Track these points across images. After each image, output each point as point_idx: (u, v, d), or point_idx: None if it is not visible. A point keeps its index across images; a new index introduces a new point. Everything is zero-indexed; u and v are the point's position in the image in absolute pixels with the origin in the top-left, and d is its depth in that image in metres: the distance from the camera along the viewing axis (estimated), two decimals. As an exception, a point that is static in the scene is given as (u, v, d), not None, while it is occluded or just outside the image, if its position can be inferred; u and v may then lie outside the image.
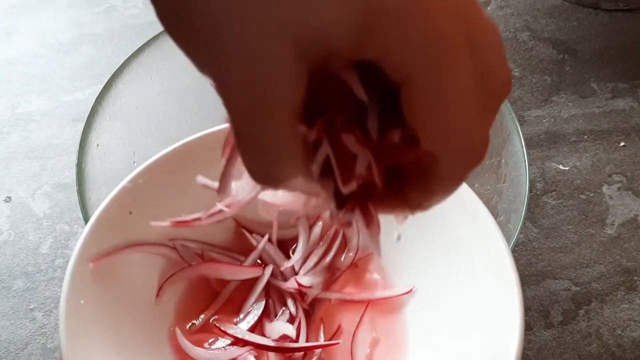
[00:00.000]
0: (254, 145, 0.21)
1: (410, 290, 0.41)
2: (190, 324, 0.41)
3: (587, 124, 0.59)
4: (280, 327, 0.40)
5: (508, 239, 0.40)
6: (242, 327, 0.40)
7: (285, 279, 0.43)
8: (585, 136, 0.58)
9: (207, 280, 0.43)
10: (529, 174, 0.46)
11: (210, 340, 0.40)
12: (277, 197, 0.31)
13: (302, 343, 0.40)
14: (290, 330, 0.40)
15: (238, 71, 0.19)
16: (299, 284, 0.41)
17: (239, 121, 0.21)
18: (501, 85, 0.21)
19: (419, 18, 0.19)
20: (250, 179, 0.23)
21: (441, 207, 0.39)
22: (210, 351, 0.39)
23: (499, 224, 0.38)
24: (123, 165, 0.50)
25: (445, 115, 0.20)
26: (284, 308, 0.42)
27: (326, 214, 0.43)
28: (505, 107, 0.47)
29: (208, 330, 0.41)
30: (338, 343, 0.40)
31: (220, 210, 0.33)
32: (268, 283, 0.43)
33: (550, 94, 0.61)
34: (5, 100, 0.63)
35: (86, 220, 0.44)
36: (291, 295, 0.42)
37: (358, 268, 0.44)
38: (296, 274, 0.43)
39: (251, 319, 0.41)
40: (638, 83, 0.61)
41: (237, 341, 0.40)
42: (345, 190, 0.22)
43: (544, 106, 0.60)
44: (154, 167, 0.41)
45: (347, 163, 0.22)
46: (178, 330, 0.40)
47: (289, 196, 0.30)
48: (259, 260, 0.44)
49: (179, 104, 0.54)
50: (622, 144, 0.57)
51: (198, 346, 0.39)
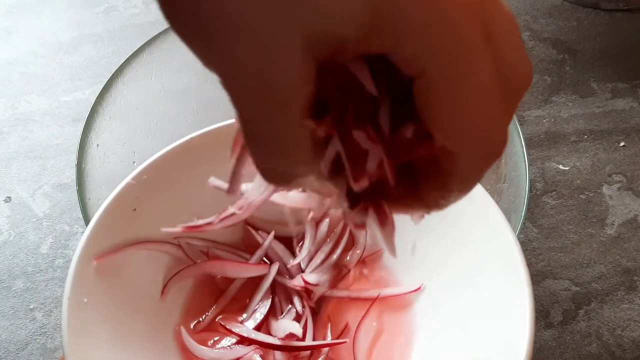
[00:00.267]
0: (264, 144, 0.20)
1: (419, 288, 0.40)
2: (195, 323, 0.41)
3: (587, 124, 0.59)
4: (286, 326, 0.40)
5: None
6: (248, 326, 0.40)
7: (292, 277, 0.42)
8: (585, 136, 0.58)
9: (213, 278, 0.42)
10: (529, 173, 0.46)
11: (215, 339, 0.40)
12: (290, 198, 0.31)
13: (309, 342, 0.39)
14: (296, 328, 0.39)
15: (245, 67, 0.19)
16: (306, 282, 0.41)
17: (247, 119, 0.20)
18: (521, 77, 0.20)
19: (431, 8, 0.18)
20: (262, 180, 0.22)
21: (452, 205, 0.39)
22: (216, 350, 0.39)
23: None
24: (123, 165, 0.50)
25: (462, 109, 0.19)
26: (290, 306, 0.42)
27: (334, 211, 0.44)
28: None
29: (213, 329, 0.41)
30: (345, 342, 0.40)
31: (233, 214, 0.33)
32: (274, 281, 0.42)
33: (550, 94, 0.61)
34: (5, 100, 0.63)
35: (86, 220, 0.44)
36: (297, 293, 0.42)
37: (366, 265, 0.43)
38: (303, 271, 0.42)
39: (257, 317, 0.41)
40: (638, 83, 0.61)
41: (243, 340, 0.39)
42: (356, 187, 0.21)
43: (544, 106, 0.60)
44: (158, 164, 0.40)
45: (359, 160, 0.21)
46: (183, 329, 0.39)
47: (301, 196, 0.30)
48: (264, 258, 0.44)
49: (179, 104, 0.54)
50: (622, 144, 0.57)
51: (203, 345, 0.39)
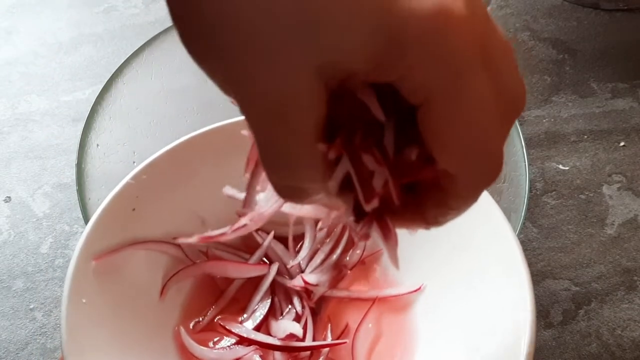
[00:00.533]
0: (279, 164, 0.22)
1: (419, 288, 0.40)
2: (194, 323, 0.41)
3: (587, 124, 0.59)
4: (286, 326, 0.40)
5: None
6: (248, 326, 0.40)
7: (292, 277, 0.42)
8: (585, 136, 0.58)
9: (212, 279, 0.42)
10: (529, 173, 0.46)
11: (215, 339, 0.40)
12: (299, 209, 0.31)
13: (309, 342, 0.39)
14: (297, 329, 0.39)
15: (262, 93, 0.20)
16: (306, 282, 0.41)
17: (263, 141, 0.21)
18: (516, 101, 0.22)
19: (438, 42, 0.19)
20: (274, 192, 0.23)
21: None
22: (215, 350, 0.39)
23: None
24: (123, 165, 0.50)
25: (463, 136, 0.20)
26: (290, 306, 0.41)
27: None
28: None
29: (213, 329, 0.41)
30: (345, 342, 0.39)
31: (245, 225, 0.34)
32: (274, 281, 0.42)
33: (550, 94, 0.61)
34: (5, 100, 0.63)
35: (86, 220, 0.44)
36: (297, 293, 0.42)
37: (365, 266, 0.43)
38: (302, 271, 0.42)
39: (257, 317, 0.41)
40: (638, 83, 0.61)
41: (243, 340, 0.39)
42: (367, 207, 0.23)
43: (543, 106, 0.60)
44: (157, 164, 0.40)
45: (367, 180, 0.22)
46: (182, 329, 0.39)
47: (309, 208, 0.30)
48: (264, 258, 0.43)
49: (178, 104, 0.54)
50: (622, 143, 0.57)
51: (203, 345, 0.39)
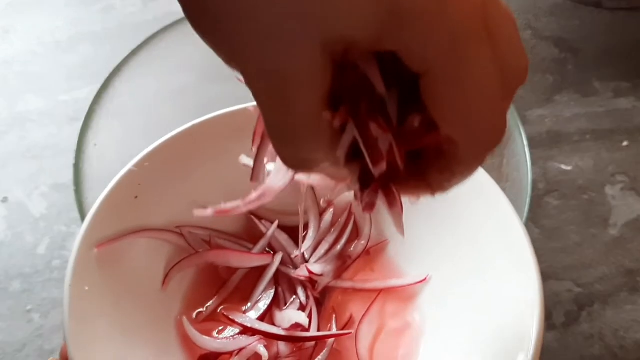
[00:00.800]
0: (286, 135, 0.22)
1: (425, 279, 0.40)
2: (197, 312, 0.40)
3: (590, 124, 0.58)
4: (292, 316, 0.39)
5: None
6: (251, 316, 0.39)
7: (295, 267, 0.42)
8: (588, 136, 0.58)
9: (215, 268, 0.42)
10: (531, 173, 0.45)
11: (218, 329, 0.39)
12: (309, 178, 0.31)
13: (314, 332, 0.39)
14: (303, 318, 0.38)
15: (265, 65, 0.20)
16: (310, 272, 0.40)
17: (268, 113, 0.21)
18: (518, 73, 0.22)
19: (437, 13, 0.19)
20: (282, 165, 0.24)
21: (459, 196, 0.39)
22: (219, 340, 0.38)
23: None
24: (121, 165, 0.49)
25: (464, 104, 0.21)
26: (294, 297, 0.41)
27: (339, 202, 0.43)
28: (508, 107, 0.47)
29: (216, 319, 0.40)
30: (350, 333, 0.39)
31: (258, 198, 0.33)
32: (277, 271, 0.42)
33: (553, 93, 0.60)
34: (2, 100, 0.63)
35: (84, 220, 0.44)
36: (301, 283, 0.41)
37: (370, 256, 0.43)
38: (306, 262, 0.42)
39: (260, 307, 0.40)
40: (640, 82, 0.61)
41: (246, 330, 0.38)
42: (376, 171, 0.23)
43: (546, 105, 0.60)
44: (160, 151, 0.40)
45: (373, 144, 0.23)
46: (185, 319, 0.39)
47: (319, 178, 0.30)
48: (268, 248, 0.43)
49: (177, 103, 0.54)
50: (625, 143, 0.57)
51: (206, 335, 0.38)
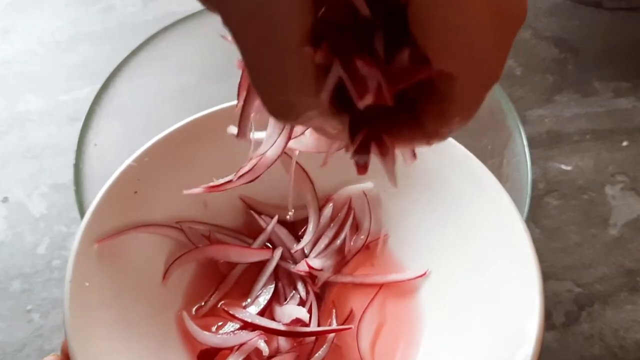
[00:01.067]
0: (267, 74, 0.21)
1: (424, 274, 0.40)
2: (197, 308, 0.40)
3: (590, 124, 0.58)
4: (292, 311, 0.39)
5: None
6: (251, 311, 0.39)
7: (295, 262, 0.42)
8: (588, 136, 0.58)
9: (215, 263, 0.42)
10: (531, 173, 0.45)
11: (218, 324, 0.39)
12: (301, 143, 0.31)
13: (314, 327, 0.39)
14: (303, 313, 0.38)
15: (242, 1, 0.19)
16: (310, 267, 0.40)
17: (249, 51, 0.21)
18: (515, 10, 0.21)
19: None
20: (273, 129, 0.23)
21: (461, 192, 0.39)
22: (219, 335, 0.38)
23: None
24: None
25: (454, 30, 0.20)
26: (293, 292, 0.41)
27: (338, 196, 0.43)
28: (507, 107, 0.47)
29: (216, 314, 0.40)
30: (350, 328, 0.39)
31: (249, 170, 0.33)
32: (277, 266, 0.42)
33: (553, 93, 0.60)
34: (2, 100, 0.62)
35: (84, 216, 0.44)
36: (301, 278, 0.41)
37: (370, 251, 0.43)
38: (306, 256, 0.42)
39: (260, 302, 0.40)
40: (640, 82, 0.61)
41: (247, 325, 0.38)
42: (361, 105, 0.22)
43: (546, 105, 0.60)
44: (160, 146, 0.40)
45: (359, 79, 0.21)
46: (185, 314, 0.39)
47: (311, 140, 0.30)
48: (267, 243, 0.43)
49: (177, 103, 0.54)
50: (625, 143, 0.57)
51: (206, 330, 0.38)
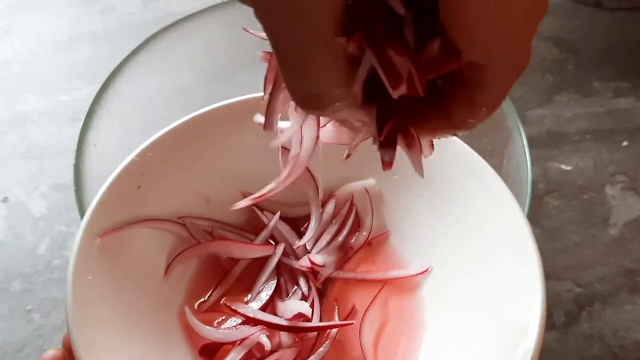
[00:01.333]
0: (298, 65, 0.21)
1: (426, 270, 0.40)
2: (199, 303, 0.40)
3: (590, 124, 0.58)
4: (294, 306, 0.39)
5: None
6: (253, 306, 0.39)
7: (297, 258, 0.42)
8: (588, 136, 0.58)
9: (217, 259, 0.42)
10: (531, 173, 0.45)
11: (220, 319, 0.39)
12: (324, 133, 0.30)
13: (316, 322, 0.39)
14: (305, 308, 0.38)
15: None
16: (312, 263, 0.40)
17: (280, 41, 0.20)
18: None
19: None
20: (296, 120, 0.22)
21: (464, 189, 0.39)
22: (221, 330, 0.38)
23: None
24: (121, 166, 0.49)
25: (487, 21, 0.20)
26: (295, 287, 0.41)
27: (340, 193, 0.43)
28: (507, 107, 0.47)
29: (218, 310, 0.40)
30: (352, 323, 0.39)
31: (290, 174, 0.32)
32: (279, 262, 0.42)
33: (553, 93, 0.60)
34: (2, 100, 0.62)
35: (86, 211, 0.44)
36: (303, 274, 0.41)
37: (372, 247, 0.43)
38: (308, 253, 0.42)
39: (262, 298, 0.40)
40: (640, 82, 0.61)
41: (249, 320, 0.38)
42: (395, 94, 0.21)
43: (546, 105, 0.60)
44: (163, 141, 0.40)
45: (392, 69, 0.21)
46: (187, 309, 0.39)
47: (332, 131, 0.30)
48: (270, 239, 0.43)
49: (177, 103, 0.54)
50: (625, 143, 0.57)
51: (208, 325, 0.38)
